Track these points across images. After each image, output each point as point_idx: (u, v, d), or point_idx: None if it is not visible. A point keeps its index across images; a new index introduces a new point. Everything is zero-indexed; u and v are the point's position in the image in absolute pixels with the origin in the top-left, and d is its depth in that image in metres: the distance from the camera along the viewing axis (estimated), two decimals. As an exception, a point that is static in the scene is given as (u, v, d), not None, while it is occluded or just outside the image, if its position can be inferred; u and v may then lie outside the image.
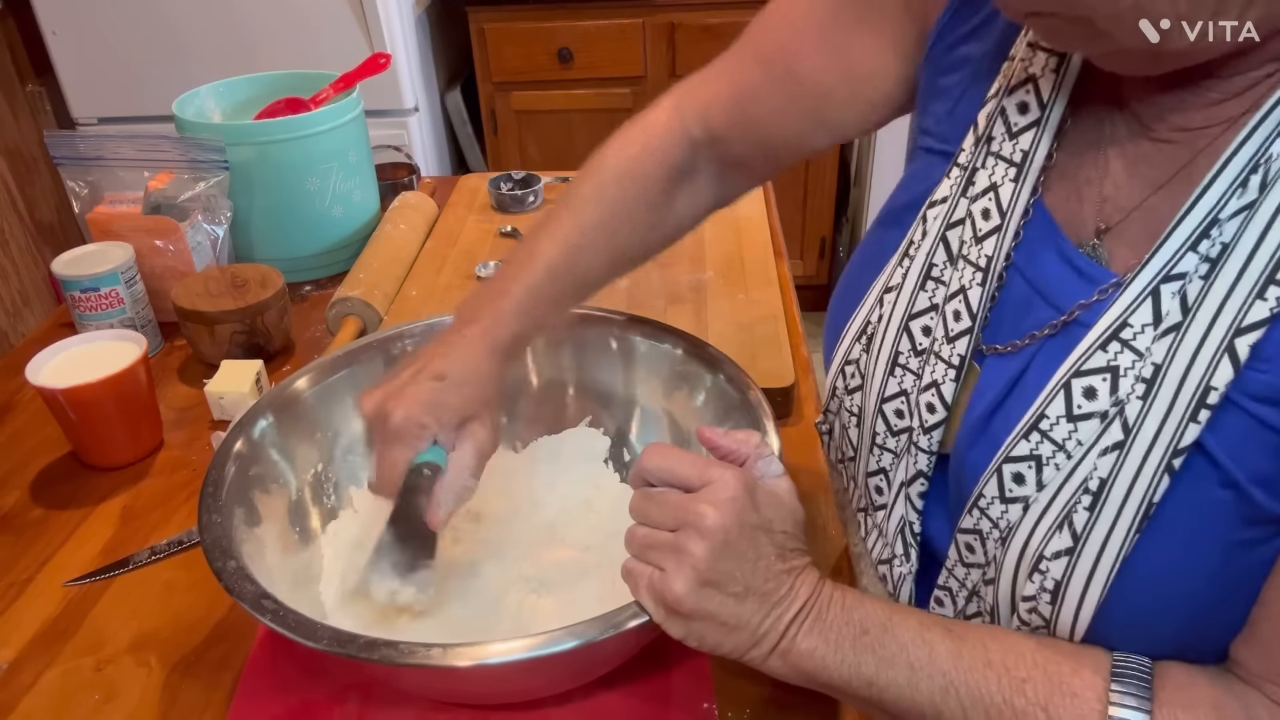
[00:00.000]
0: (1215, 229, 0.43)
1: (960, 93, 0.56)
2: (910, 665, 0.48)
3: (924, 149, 0.59)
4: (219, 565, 0.55)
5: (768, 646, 0.50)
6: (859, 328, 0.59)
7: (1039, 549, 0.46)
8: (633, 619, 0.51)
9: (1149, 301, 0.44)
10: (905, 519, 0.57)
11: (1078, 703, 0.45)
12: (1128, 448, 0.44)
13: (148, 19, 1.89)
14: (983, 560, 0.52)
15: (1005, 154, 0.52)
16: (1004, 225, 0.52)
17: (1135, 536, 0.44)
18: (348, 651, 0.49)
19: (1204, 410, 0.42)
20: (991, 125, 0.53)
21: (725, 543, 0.48)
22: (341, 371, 0.74)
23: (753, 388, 0.68)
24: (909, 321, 0.55)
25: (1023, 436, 0.48)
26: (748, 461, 0.53)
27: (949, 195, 0.55)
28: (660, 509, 0.51)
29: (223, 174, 1.02)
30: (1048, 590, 0.47)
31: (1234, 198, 0.42)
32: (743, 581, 0.49)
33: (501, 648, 0.49)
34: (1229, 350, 0.41)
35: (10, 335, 2.00)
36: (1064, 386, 0.47)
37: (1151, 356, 0.44)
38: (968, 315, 0.52)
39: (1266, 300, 0.40)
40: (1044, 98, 0.51)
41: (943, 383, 0.53)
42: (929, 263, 0.55)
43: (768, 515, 0.51)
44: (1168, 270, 0.44)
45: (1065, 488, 0.46)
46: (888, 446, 0.58)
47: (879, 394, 0.57)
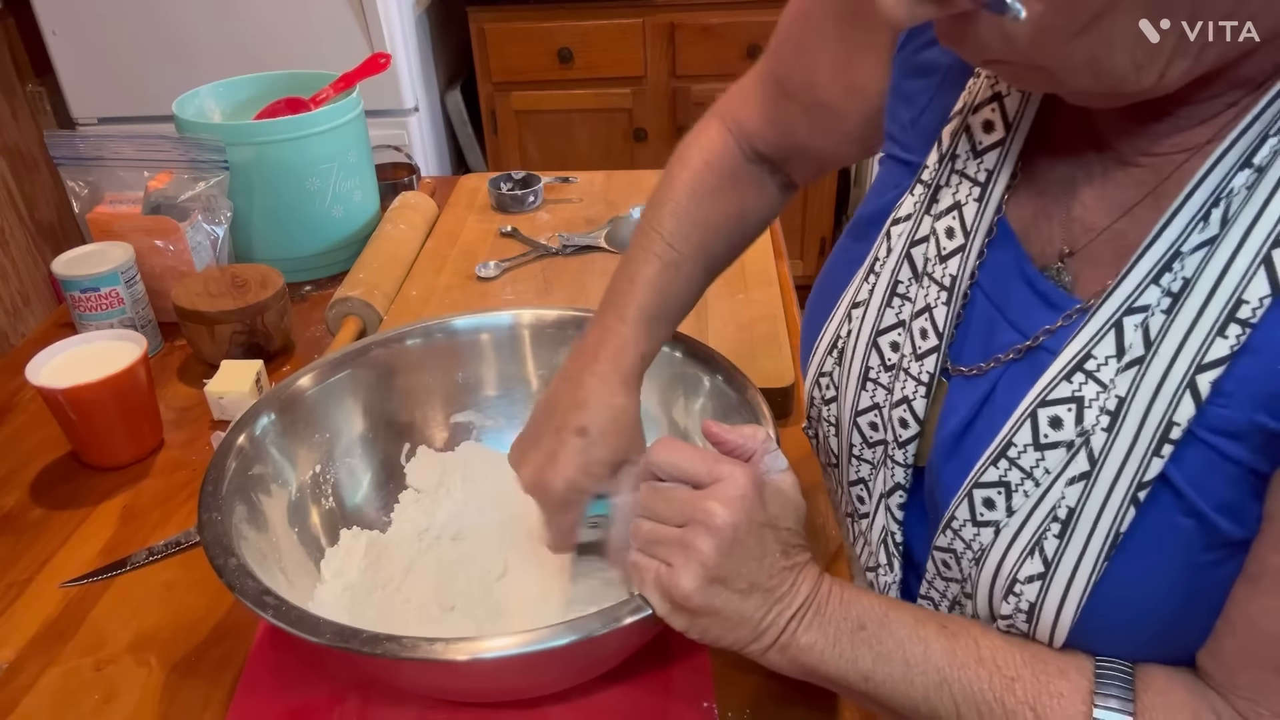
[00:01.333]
0: (1178, 262, 0.43)
1: (926, 101, 0.56)
2: (906, 661, 0.49)
3: (889, 155, 0.59)
4: (220, 562, 0.55)
5: (768, 641, 0.50)
6: (830, 340, 0.59)
7: (1012, 572, 0.47)
8: (631, 615, 0.51)
9: (1112, 333, 0.45)
10: (886, 529, 0.57)
11: (1064, 703, 0.46)
12: (1094, 478, 0.44)
13: (148, 19, 1.89)
14: (959, 576, 0.52)
15: (969, 173, 0.52)
16: (968, 245, 0.52)
17: (1104, 564, 0.45)
18: (350, 646, 0.50)
19: (1167, 445, 0.42)
20: (956, 142, 0.53)
21: (734, 540, 0.49)
22: (342, 372, 0.74)
23: (751, 388, 0.68)
24: (877, 337, 0.56)
25: (991, 463, 0.48)
26: (754, 457, 0.54)
27: (913, 212, 0.55)
28: (668, 504, 0.51)
29: (223, 174, 1.03)
30: (1023, 611, 0.48)
31: (1196, 231, 0.43)
32: (748, 578, 0.49)
33: (501, 643, 0.50)
34: (1191, 386, 0.42)
35: (10, 335, 2.00)
36: (1030, 416, 0.47)
37: (1115, 389, 0.44)
38: (934, 334, 0.53)
39: (1226, 338, 0.41)
40: (1009, 116, 0.51)
41: (913, 399, 0.54)
42: (894, 279, 0.55)
43: (774, 512, 0.51)
44: (1131, 303, 0.44)
45: (1035, 514, 0.46)
46: (865, 458, 0.58)
47: (853, 407, 0.57)
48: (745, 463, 0.52)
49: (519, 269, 1.11)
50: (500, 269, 1.10)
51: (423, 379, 0.78)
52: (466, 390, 0.80)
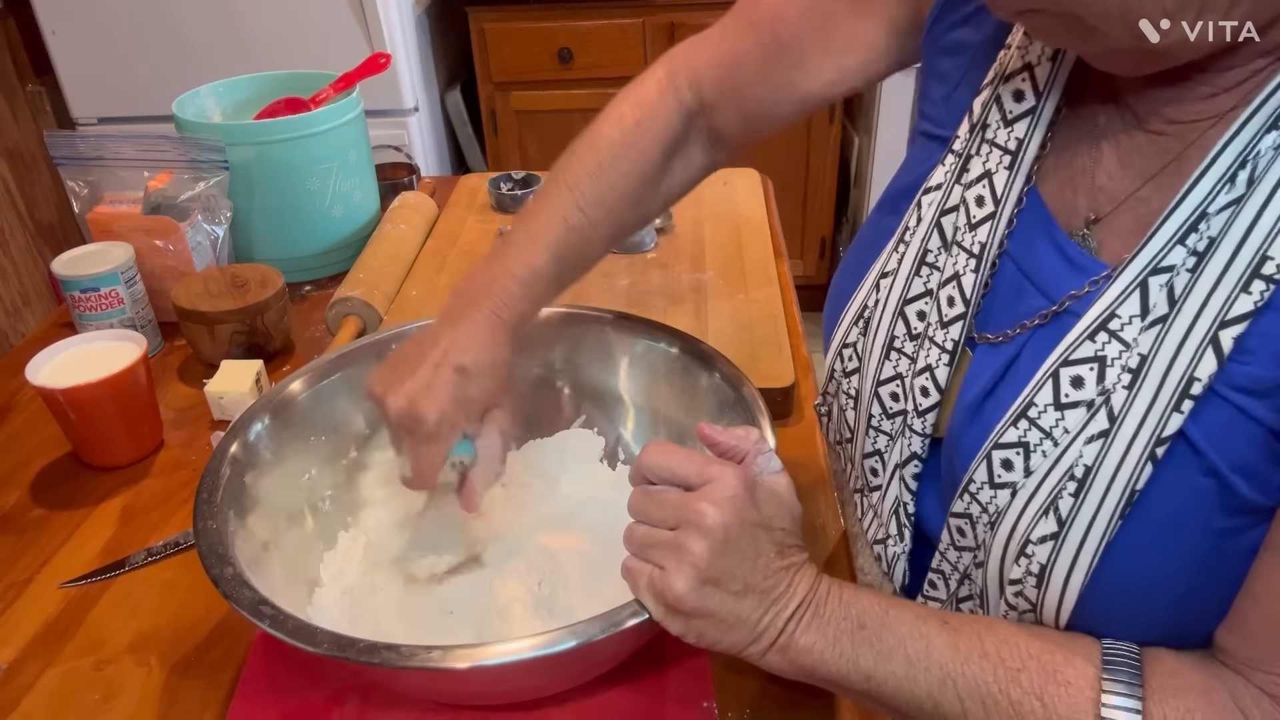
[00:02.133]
0: (1203, 223, 0.43)
1: (959, 78, 0.57)
2: (908, 658, 0.49)
3: (922, 133, 0.60)
4: (216, 572, 0.55)
5: (766, 643, 0.50)
6: (856, 311, 0.59)
7: (1025, 533, 0.47)
8: (631, 618, 0.51)
9: (1137, 293, 0.45)
10: (899, 500, 0.57)
11: (1071, 691, 0.46)
12: (1113, 436, 0.44)
13: (148, 19, 1.89)
14: (973, 544, 0.52)
15: (1000, 141, 0.53)
16: (998, 212, 0.52)
17: (1118, 523, 0.44)
18: (348, 656, 0.49)
19: (1187, 400, 0.42)
20: (987, 113, 0.53)
21: (726, 541, 0.49)
22: (336, 374, 0.74)
23: (747, 385, 0.68)
24: (904, 306, 0.56)
25: (1011, 424, 0.48)
26: (747, 458, 0.54)
27: (943, 182, 0.55)
28: (660, 507, 0.51)
29: (223, 174, 1.02)
30: (1033, 574, 0.47)
31: (1222, 192, 0.43)
32: (742, 579, 0.49)
33: (500, 649, 0.49)
34: (1213, 342, 0.42)
35: (10, 335, 2.00)
36: (1052, 375, 0.47)
37: (1138, 347, 0.44)
38: (961, 301, 0.53)
39: (1250, 294, 0.41)
40: (1039, 86, 0.52)
41: (936, 367, 0.54)
42: (924, 248, 0.55)
43: (767, 512, 0.51)
44: (1156, 263, 0.45)
45: (1052, 474, 0.46)
46: (883, 429, 0.58)
47: (875, 377, 0.58)
48: (737, 464, 0.52)
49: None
50: (500, 269, 1.10)
51: None
52: None
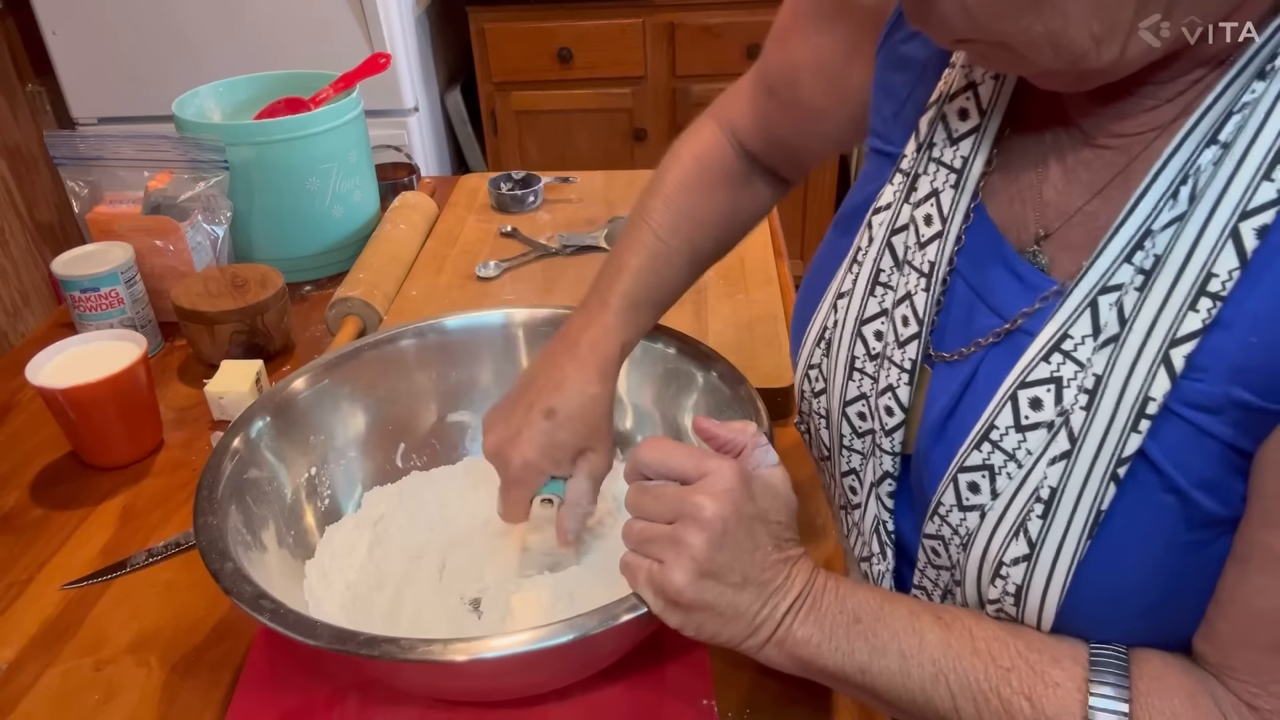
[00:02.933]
0: (1149, 240, 0.43)
1: (906, 94, 0.57)
2: (902, 653, 0.49)
3: (872, 149, 0.60)
4: (216, 567, 0.55)
5: (764, 635, 0.50)
6: (818, 332, 0.60)
7: (998, 555, 0.48)
8: (628, 612, 0.51)
9: (1088, 312, 0.45)
10: (878, 518, 0.58)
11: (1060, 693, 0.46)
12: (1075, 457, 0.45)
13: (148, 19, 1.89)
14: (948, 564, 0.53)
15: (946, 160, 0.53)
16: (945, 231, 0.52)
17: (1087, 542, 0.45)
18: (348, 649, 0.49)
19: (1144, 420, 0.43)
20: (933, 131, 0.54)
21: (723, 533, 0.49)
22: (336, 374, 0.74)
23: (745, 383, 0.68)
24: (861, 326, 0.56)
25: (975, 446, 0.49)
26: (744, 451, 0.54)
27: (892, 201, 0.56)
28: (657, 502, 0.51)
29: (223, 174, 1.03)
30: (1010, 594, 0.48)
31: (1165, 209, 0.43)
32: (740, 572, 0.49)
33: (500, 642, 0.50)
34: (1165, 361, 0.42)
35: (10, 335, 2.00)
36: (1010, 397, 0.47)
37: (1092, 368, 0.44)
38: (915, 321, 0.53)
39: (1198, 311, 0.41)
40: (984, 104, 0.52)
41: (897, 386, 0.54)
42: (876, 268, 0.56)
43: (763, 505, 0.51)
44: (1105, 281, 0.45)
45: (1019, 496, 0.47)
46: (855, 448, 0.59)
47: (841, 397, 0.58)
48: (734, 458, 0.53)
49: (519, 269, 1.11)
50: (500, 269, 1.10)
51: (417, 379, 0.78)
52: (461, 390, 0.79)
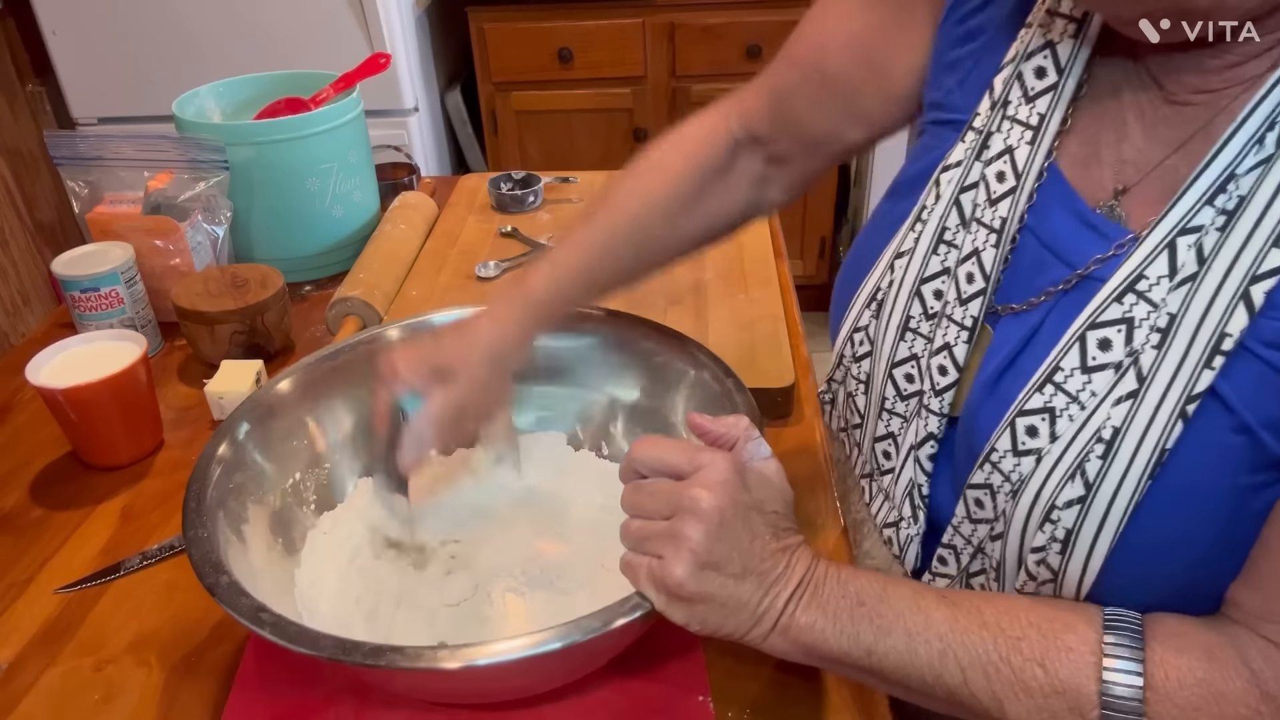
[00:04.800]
0: (1232, 183, 0.43)
1: (973, 64, 0.57)
2: (908, 632, 0.49)
3: (933, 123, 0.60)
4: (211, 581, 0.54)
5: (768, 624, 0.50)
6: (869, 295, 0.59)
7: (1051, 499, 0.47)
8: (622, 616, 0.51)
9: (1165, 254, 0.45)
10: (914, 482, 0.57)
11: (1073, 656, 0.46)
12: (1142, 396, 0.44)
13: (148, 19, 1.89)
14: (991, 515, 0.52)
15: (1021, 118, 0.53)
16: (1019, 187, 0.52)
17: (1147, 483, 0.45)
18: (353, 659, 0.49)
19: (1218, 356, 0.42)
20: (1008, 90, 0.54)
21: (721, 524, 0.49)
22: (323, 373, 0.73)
23: (734, 380, 0.68)
24: (921, 285, 0.56)
25: (1036, 390, 0.48)
26: (737, 444, 0.54)
27: (963, 159, 0.55)
28: (653, 498, 0.51)
29: (223, 174, 1.02)
30: (1058, 540, 0.47)
31: (1251, 153, 0.43)
32: (740, 562, 0.49)
33: (500, 647, 0.49)
34: (1244, 297, 0.42)
35: (10, 335, 2.00)
36: (1079, 339, 0.47)
37: (1167, 306, 0.44)
38: (980, 277, 0.53)
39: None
40: (1061, 63, 0.52)
41: (955, 345, 0.54)
42: (941, 226, 0.56)
43: (759, 495, 0.51)
44: (1184, 223, 0.45)
45: (1078, 438, 0.46)
46: (897, 411, 0.58)
47: (889, 359, 0.58)
48: (727, 451, 0.53)
49: (519, 269, 1.11)
50: (500, 269, 1.10)
51: None
52: None
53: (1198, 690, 0.44)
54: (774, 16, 2.11)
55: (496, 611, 0.65)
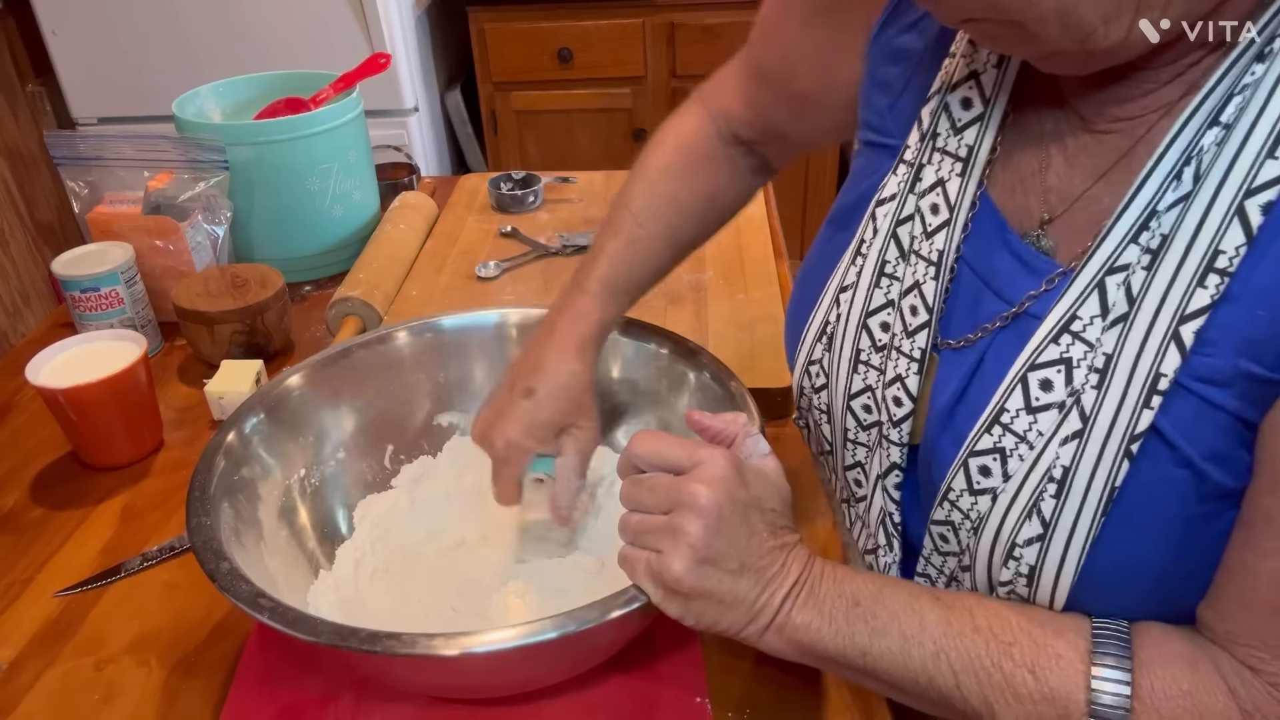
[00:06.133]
0: (1154, 221, 0.44)
1: (902, 86, 0.57)
2: (902, 634, 0.49)
3: (866, 143, 0.60)
4: (211, 567, 0.55)
5: (764, 622, 0.51)
6: (819, 327, 0.60)
7: (1010, 537, 0.48)
8: (624, 606, 0.51)
9: (1096, 294, 0.46)
10: (885, 510, 0.58)
11: (1063, 664, 0.47)
12: (1086, 436, 0.45)
13: (148, 19, 1.89)
14: (957, 549, 0.53)
15: (950, 149, 0.53)
16: (953, 219, 0.53)
17: (1101, 519, 0.45)
18: (349, 645, 0.49)
19: (1156, 396, 0.43)
20: (936, 121, 0.54)
21: (719, 520, 0.49)
22: (330, 372, 0.74)
23: (735, 381, 0.68)
24: (867, 319, 0.57)
25: (985, 430, 0.49)
26: (735, 441, 0.54)
27: (897, 192, 0.56)
28: (651, 493, 0.51)
29: (223, 174, 1.03)
30: (1023, 575, 0.48)
31: (1170, 190, 0.44)
32: (738, 558, 0.50)
33: (498, 636, 0.50)
34: (1175, 337, 0.43)
35: (10, 335, 2.00)
36: (1021, 380, 0.48)
37: (1102, 347, 0.45)
38: (924, 309, 0.54)
39: (1206, 288, 0.42)
40: (986, 93, 0.52)
41: (906, 376, 0.54)
42: (881, 259, 0.56)
43: (757, 492, 0.52)
44: (1111, 263, 0.45)
45: (1031, 477, 0.47)
46: (860, 441, 0.59)
47: (845, 391, 0.58)
48: (726, 447, 0.53)
49: (519, 269, 1.11)
50: (500, 269, 1.10)
51: (411, 378, 0.78)
52: (455, 389, 0.79)
53: (1183, 702, 0.45)
54: (774, 16, 2.11)
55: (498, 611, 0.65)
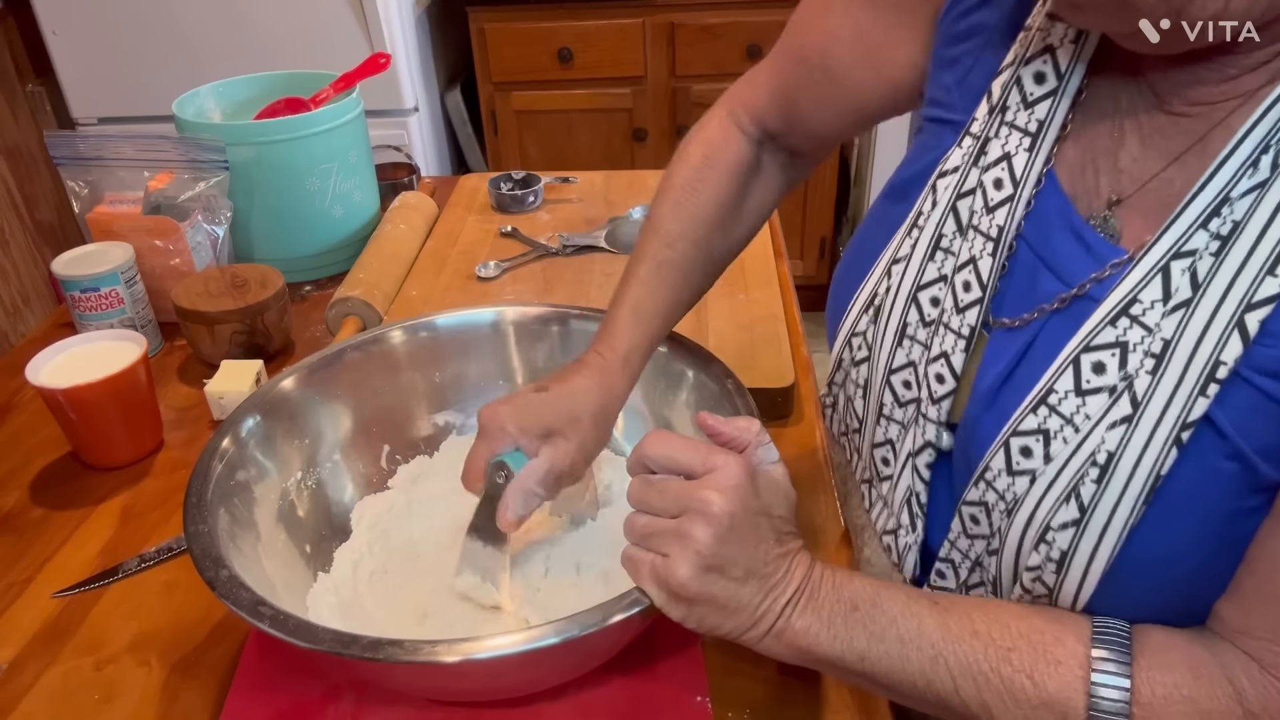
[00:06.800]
0: (1226, 207, 0.43)
1: (972, 62, 0.56)
2: (900, 638, 0.49)
3: (930, 119, 0.60)
4: (210, 575, 0.55)
5: (765, 627, 0.51)
6: (866, 299, 0.59)
7: (1045, 520, 0.47)
8: (622, 612, 0.51)
9: (1159, 278, 0.45)
10: (911, 489, 0.57)
11: (1062, 670, 0.47)
12: (1136, 421, 0.44)
13: (148, 19, 1.89)
14: (987, 531, 0.52)
15: (1020, 124, 0.53)
16: (1016, 195, 0.52)
17: (1143, 508, 0.45)
18: (351, 653, 0.49)
19: (1213, 384, 0.42)
20: (1006, 95, 0.53)
21: (730, 529, 0.49)
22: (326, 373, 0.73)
23: (733, 380, 0.68)
24: (917, 292, 0.56)
25: (1030, 410, 0.48)
26: (748, 448, 0.54)
27: (960, 165, 0.55)
28: (661, 495, 0.51)
29: (223, 174, 1.03)
30: (1053, 560, 0.48)
31: (1245, 177, 0.43)
32: (744, 566, 0.50)
33: (499, 642, 0.50)
34: (1239, 325, 0.42)
35: (10, 335, 2.00)
36: (1073, 362, 0.47)
37: (1161, 332, 0.44)
38: (978, 285, 0.53)
39: (1276, 277, 0.41)
40: (1061, 68, 0.52)
41: (952, 353, 0.54)
42: (938, 233, 0.55)
43: (767, 500, 0.52)
44: (1179, 247, 0.45)
45: (1073, 461, 0.46)
46: (894, 418, 0.58)
47: (887, 365, 0.58)
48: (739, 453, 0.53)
49: (519, 269, 1.11)
50: (500, 269, 1.10)
51: (408, 378, 0.78)
52: (451, 389, 0.79)
53: (1183, 707, 0.44)
54: (774, 16, 2.11)
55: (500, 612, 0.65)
